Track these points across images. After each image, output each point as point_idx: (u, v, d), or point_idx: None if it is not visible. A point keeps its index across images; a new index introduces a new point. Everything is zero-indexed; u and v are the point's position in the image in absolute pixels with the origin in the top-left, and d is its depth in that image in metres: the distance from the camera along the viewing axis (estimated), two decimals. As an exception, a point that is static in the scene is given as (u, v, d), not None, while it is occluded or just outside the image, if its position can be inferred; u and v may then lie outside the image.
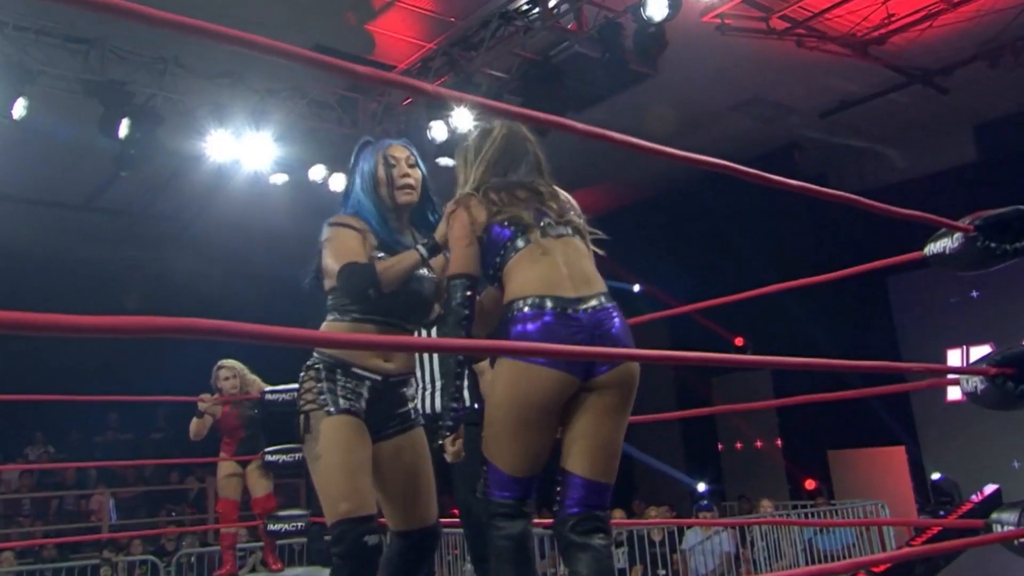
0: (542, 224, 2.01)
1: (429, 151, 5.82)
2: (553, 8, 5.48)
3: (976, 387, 1.79)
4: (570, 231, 2.05)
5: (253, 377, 4.54)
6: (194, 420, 4.33)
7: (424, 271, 2.18)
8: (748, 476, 9.38)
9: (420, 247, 2.10)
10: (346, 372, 2.10)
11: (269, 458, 4.37)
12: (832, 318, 8.07)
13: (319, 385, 2.09)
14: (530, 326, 1.88)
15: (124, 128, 5.50)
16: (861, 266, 2.44)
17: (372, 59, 6.28)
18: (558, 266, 1.95)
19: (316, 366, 2.13)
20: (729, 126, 7.73)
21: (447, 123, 6.05)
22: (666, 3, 4.65)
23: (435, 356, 3.48)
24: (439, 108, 6.07)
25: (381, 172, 2.23)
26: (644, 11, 4.70)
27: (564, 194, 2.13)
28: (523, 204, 2.04)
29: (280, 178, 6.65)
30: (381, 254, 2.15)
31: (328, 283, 2.18)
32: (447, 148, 5.62)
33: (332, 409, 2.05)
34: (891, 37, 6.35)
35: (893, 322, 8.55)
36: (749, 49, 6.30)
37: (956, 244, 1.83)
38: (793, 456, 9.00)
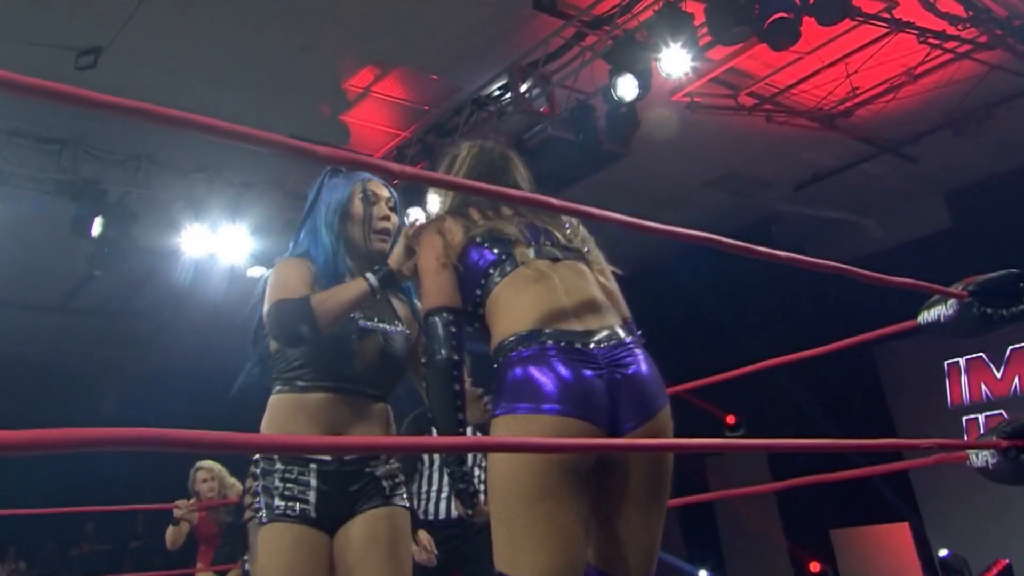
0: (535, 243, 1.62)
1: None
2: (525, 92, 5.54)
3: (987, 461, 1.68)
4: (573, 256, 1.66)
5: (233, 480, 4.34)
6: (170, 528, 4.11)
7: (393, 326, 1.81)
8: (751, 560, 9.06)
9: (369, 275, 1.69)
10: (287, 458, 1.71)
11: (249, 566, 4.14)
12: (823, 389, 7.96)
13: (254, 485, 1.71)
14: (530, 368, 1.44)
15: (97, 226, 5.44)
16: (851, 339, 2.37)
17: (348, 148, 6.31)
18: (556, 294, 1.54)
19: (255, 458, 1.75)
20: (705, 202, 7.79)
21: (424, 209, 6.02)
22: (636, 84, 4.70)
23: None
24: (417, 193, 6.05)
25: (356, 207, 1.82)
26: (615, 92, 4.75)
27: (568, 218, 1.74)
28: (509, 220, 1.66)
29: (257, 271, 6.56)
30: None
31: (272, 345, 1.80)
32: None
33: (264, 516, 1.67)
34: (857, 110, 6.48)
35: (883, 391, 8.45)
36: (721, 125, 6.40)
37: (951, 311, 1.76)
38: (795, 536, 8.72)
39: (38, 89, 0.95)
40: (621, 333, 1.54)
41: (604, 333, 1.51)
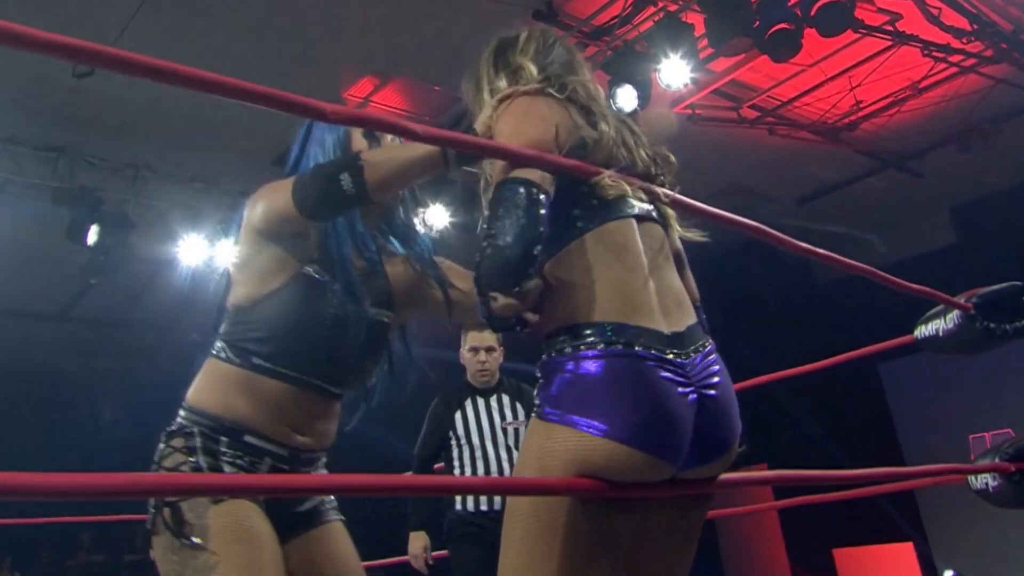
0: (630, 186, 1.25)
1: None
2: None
3: (987, 484, 1.61)
4: (656, 213, 1.31)
5: None
6: None
7: (381, 312, 1.50)
8: (751, 577, 8.95)
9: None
10: (236, 442, 1.39)
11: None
12: (826, 406, 7.88)
13: (192, 460, 1.36)
14: (610, 375, 1.13)
15: (93, 235, 5.40)
16: (851, 353, 2.32)
17: (347, 160, 6.27)
18: (642, 274, 1.22)
19: (187, 431, 1.40)
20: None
21: (423, 220, 5.99)
22: (635, 94, 4.66)
23: (509, 409, 3.24)
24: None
25: (360, 144, 1.53)
26: (614, 102, 4.71)
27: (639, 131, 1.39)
28: (610, 129, 1.28)
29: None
30: (312, 268, 1.45)
31: (242, 291, 1.47)
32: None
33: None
34: (861, 123, 6.43)
35: (888, 408, 8.35)
36: (723, 138, 6.35)
37: (951, 325, 1.70)
38: (797, 555, 8.61)
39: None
40: (704, 335, 1.25)
41: (691, 337, 1.21)
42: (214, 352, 1.48)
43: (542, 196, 1.14)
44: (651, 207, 1.31)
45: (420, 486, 1.24)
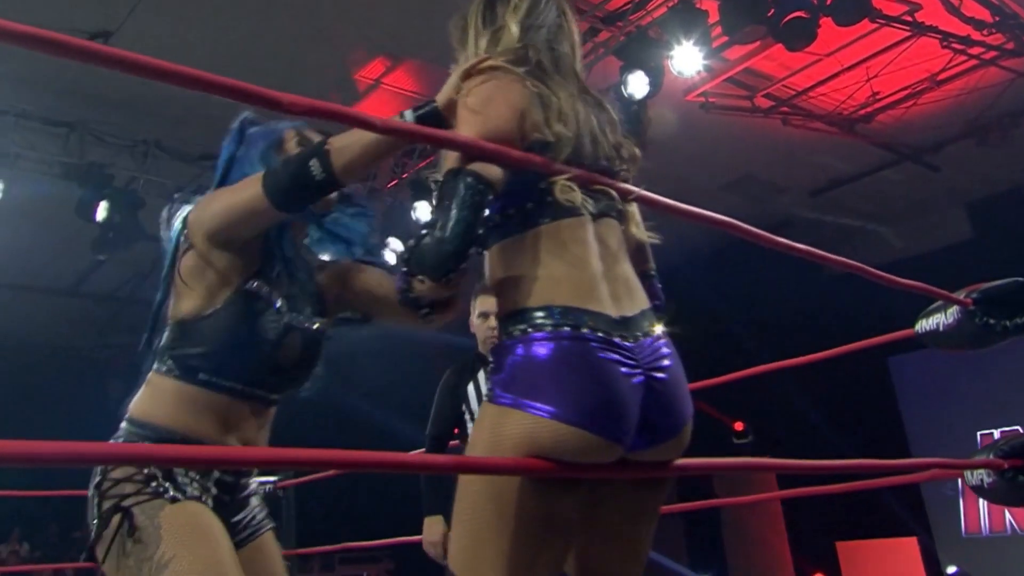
0: (595, 195, 1.27)
1: (415, 233, 5.74)
2: (536, 89, 5.46)
3: (982, 480, 1.59)
4: (614, 210, 1.33)
5: None
6: None
7: (312, 322, 1.53)
8: (754, 568, 8.94)
9: (406, 112, 1.35)
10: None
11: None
12: (833, 398, 7.83)
13: (145, 471, 1.37)
14: (559, 358, 1.15)
15: (102, 211, 5.42)
16: (856, 343, 2.29)
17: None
18: (593, 262, 1.24)
19: (135, 443, 1.42)
20: (719, 205, 7.54)
21: (432, 204, 5.97)
22: (646, 81, 4.61)
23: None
24: (424, 189, 5.99)
25: (292, 151, 1.54)
26: (625, 89, 4.66)
27: (613, 114, 1.39)
28: (575, 111, 1.28)
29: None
30: (255, 282, 1.49)
31: (188, 305, 1.47)
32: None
33: (177, 495, 1.37)
34: (877, 115, 6.34)
35: (897, 402, 8.29)
36: (736, 128, 6.28)
37: (951, 320, 1.67)
38: (800, 547, 8.59)
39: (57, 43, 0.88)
40: (654, 321, 1.26)
41: (641, 322, 1.23)
42: (157, 368, 1.50)
43: (488, 196, 1.17)
44: (609, 203, 1.32)
45: (372, 463, 1.19)
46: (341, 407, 6.84)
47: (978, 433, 7.60)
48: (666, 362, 1.23)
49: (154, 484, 1.38)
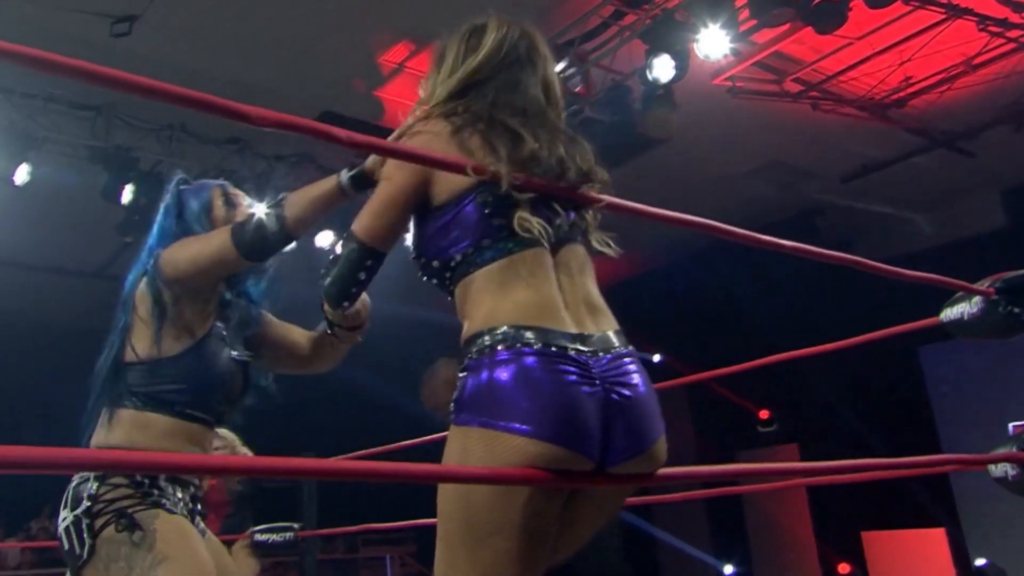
0: (557, 222, 1.31)
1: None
2: (561, 72, 5.41)
3: (1007, 473, 1.54)
4: (578, 232, 1.36)
5: (244, 450, 4.33)
6: None
7: (244, 355, 1.79)
8: (778, 557, 8.88)
9: (344, 173, 1.51)
10: (167, 479, 1.64)
11: (259, 537, 4.10)
12: (862, 388, 7.73)
13: (141, 489, 1.55)
14: (512, 374, 1.17)
15: (128, 194, 5.47)
16: (883, 330, 2.22)
17: (382, 125, 6.24)
18: (551, 284, 1.28)
19: (117, 473, 1.60)
20: (747, 191, 7.56)
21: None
22: (672, 65, 4.54)
23: None
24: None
25: (219, 210, 1.80)
26: (650, 73, 4.59)
27: (586, 145, 1.42)
28: (539, 159, 1.30)
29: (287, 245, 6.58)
30: (217, 323, 1.77)
31: (140, 348, 1.67)
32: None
33: (172, 508, 1.57)
34: (910, 100, 6.20)
35: (927, 394, 8.16)
36: (764, 112, 6.18)
37: (975, 309, 1.61)
38: (825, 537, 8.51)
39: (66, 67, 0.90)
40: (617, 342, 1.27)
41: (603, 341, 1.25)
42: (126, 404, 1.66)
43: (369, 261, 1.35)
44: (572, 227, 1.36)
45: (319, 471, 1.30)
46: (357, 386, 6.89)
47: (1010, 425, 7.45)
48: (633, 379, 1.25)
49: (152, 497, 1.56)
